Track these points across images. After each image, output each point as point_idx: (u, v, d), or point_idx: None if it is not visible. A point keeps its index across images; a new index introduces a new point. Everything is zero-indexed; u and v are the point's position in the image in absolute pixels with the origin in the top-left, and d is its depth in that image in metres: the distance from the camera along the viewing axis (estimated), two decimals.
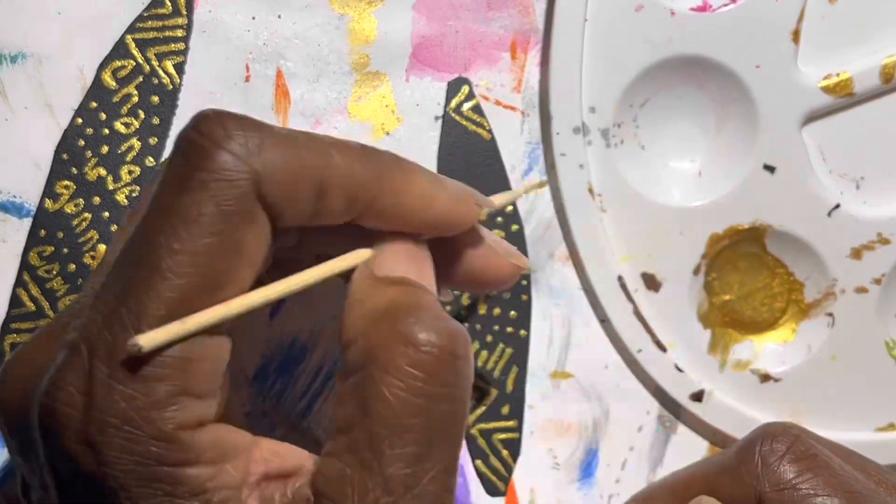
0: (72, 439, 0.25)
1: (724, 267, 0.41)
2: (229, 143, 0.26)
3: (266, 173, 0.26)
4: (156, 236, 0.25)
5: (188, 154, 0.26)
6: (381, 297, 0.27)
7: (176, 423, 0.25)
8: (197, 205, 0.25)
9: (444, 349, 0.26)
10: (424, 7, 0.39)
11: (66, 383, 0.25)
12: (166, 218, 0.26)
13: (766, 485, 0.31)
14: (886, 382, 0.41)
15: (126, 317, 0.25)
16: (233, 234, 0.26)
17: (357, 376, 0.26)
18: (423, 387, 0.26)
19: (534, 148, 0.40)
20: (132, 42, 0.38)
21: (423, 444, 0.26)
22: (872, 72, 0.39)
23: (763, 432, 0.32)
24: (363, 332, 0.26)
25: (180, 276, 0.25)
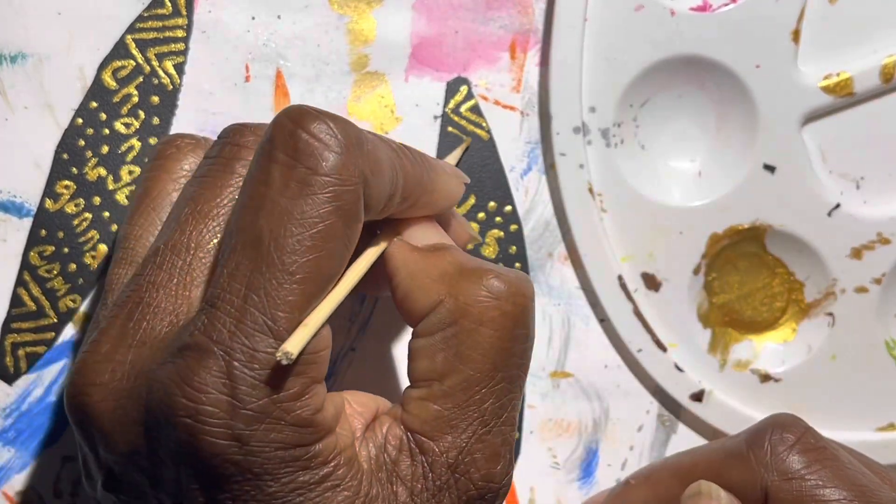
0: (217, 436, 0.26)
1: (724, 267, 0.41)
2: (340, 145, 0.27)
3: (368, 175, 0.28)
4: (282, 240, 0.27)
5: (300, 154, 0.27)
6: (442, 262, 0.30)
7: (311, 409, 0.27)
8: (319, 209, 0.27)
9: (524, 296, 0.30)
10: (424, 7, 0.39)
11: (205, 385, 0.26)
12: (289, 221, 0.27)
13: (775, 473, 0.31)
14: (886, 382, 0.41)
15: (261, 320, 0.26)
16: (347, 233, 0.28)
17: (447, 331, 0.29)
18: (511, 332, 0.29)
19: (533, 148, 0.40)
20: (132, 42, 0.38)
21: (509, 379, 0.29)
22: (872, 72, 0.39)
23: (773, 422, 0.32)
24: (449, 293, 0.29)
25: (306, 279, 0.27)
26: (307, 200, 0.27)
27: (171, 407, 0.27)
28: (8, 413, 0.38)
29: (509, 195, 0.40)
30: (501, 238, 0.40)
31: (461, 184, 0.33)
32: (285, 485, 0.27)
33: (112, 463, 0.29)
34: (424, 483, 0.28)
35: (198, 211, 0.29)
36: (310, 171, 0.27)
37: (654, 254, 0.40)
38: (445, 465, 0.28)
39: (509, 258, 0.40)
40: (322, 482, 0.27)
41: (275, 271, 0.27)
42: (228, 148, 0.30)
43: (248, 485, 0.27)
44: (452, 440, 0.29)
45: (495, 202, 0.40)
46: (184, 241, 0.29)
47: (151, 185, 0.32)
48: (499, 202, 0.40)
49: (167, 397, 0.27)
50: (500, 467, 0.29)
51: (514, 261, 0.40)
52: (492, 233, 0.40)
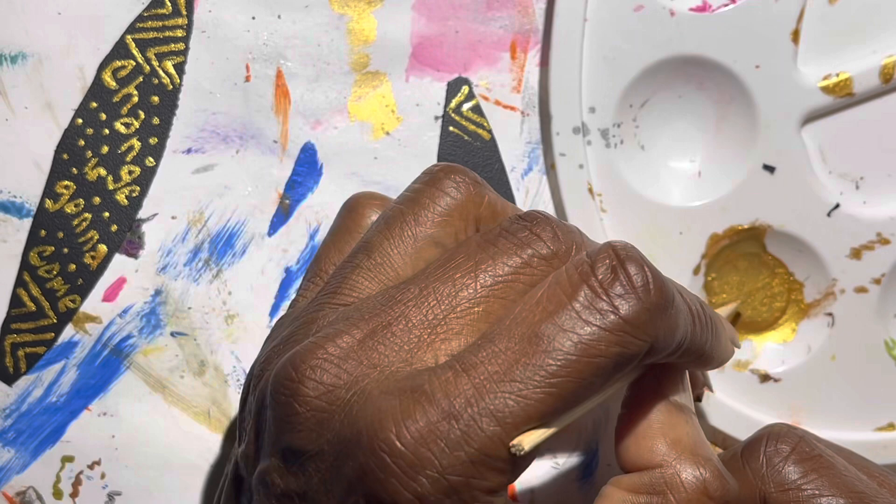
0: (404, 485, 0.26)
1: (723, 267, 0.41)
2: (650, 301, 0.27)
3: (660, 340, 0.28)
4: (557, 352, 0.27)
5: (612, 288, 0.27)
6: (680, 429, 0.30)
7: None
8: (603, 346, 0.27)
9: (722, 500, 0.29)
10: (424, 7, 0.39)
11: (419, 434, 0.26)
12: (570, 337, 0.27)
13: (771, 485, 0.31)
14: (886, 382, 0.41)
15: (501, 406, 0.26)
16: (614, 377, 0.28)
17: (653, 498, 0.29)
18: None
19: (533, 148, 0.40)
20: (132, 42, 0.38)
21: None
22: (872, 72, 0.39)
23: (767, 433, 0.32)
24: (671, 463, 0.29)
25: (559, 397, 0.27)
26: (596, 333, 0.27)
27: (376, 438, 0.26)
28: (8, 413, 0.38)
29: (510, 195, 0.40)
30: None
31: (734, 350, 0.34)
32: None
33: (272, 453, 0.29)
34: None
35: (473, 274, 0.29)
36: (613, 309, 0.27)
37: (654, 254, 0.40)
38: None
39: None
40: None
41: (537, 374, 0.27)
42: (526, 234, 0.30)
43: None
44: None
45: None
46: (449, 294, 0.29)
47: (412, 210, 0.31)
48: None
49: (378, 427, 0.26)
50: None
51: None
52: None
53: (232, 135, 0.39)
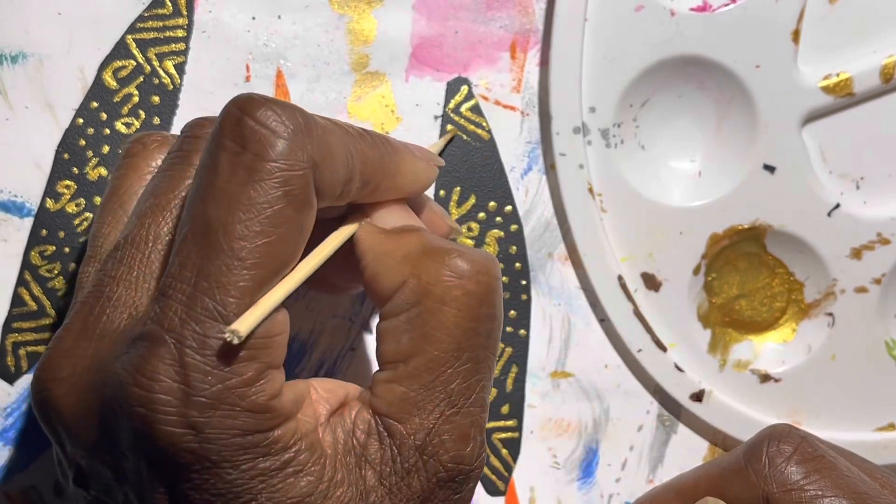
0: (171, 424, 0.26)
1: (723, 267, 0.41)
2: (287, 131, 0.27)
3: (318, 160, 0.28)
4: (230, 226, 0.26)
5: (247, 142, 0.27)
6: (407, 243, 0.30)
7: (267, 394, 0.27)
8: (268, 195, 0.27)
9: (489, 274, 0.29)
10: (424, 7, 0.39)
11: (157, 373, 0.26)
12: (237, 208, 0.27)
13: (774, 486, 0.31)
14: (886, 382, 0.41)
15: (211, 306, 0.26)
16: (298, 219, 0.27)
17: (411, 312, 0.29)
18: (476, 311, 0.29)
19: (533, 148, 0.40)
20: (133, 42, 0.38)
21: (475, 359, 0.29)
22: (872, 72, 0.39)
23: (769, 433, 0.32)
24: (412, 274, 0.29)
25: (257, 265, 0.27)
26: (255, 186, 0.27)
27: (125, 397, 0.26)
28: (9, 413, 0.38)
29: (510, 195, 0.40)
30: (502, 238, 0.40)
31: (432, 167, 0.33)
32: (245, 472, 0.27)
33: (79, 458, 0.29)
34: (393, 466, 0.28)
35: (156, 204, 0.29)
36: (257, 157, 0.27)
37: (654, 254, 0.40)
38: (413, 448, 0.28)
39: (509, 258, 0.40)
40: (283, 468, 0.27)
41: (224, 257, 0.26)
42: (188, 141, 0.30)
43: (208, 473, 0.27)
44: (420, 422, 0.28)
45: (496, 202, 0.40)
46: (143, 235, 0.29)
47: (119, 182, 0.32)
48: (499, 202, 0.40)
49: (121, 388, 0.27)
50: (469, 448, 0.29)
51: (514, 261, 0.40)
52: (492, 233, 0.40)
53: None
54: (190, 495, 0.27)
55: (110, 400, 0.27)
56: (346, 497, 0.28)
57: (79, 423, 0.28)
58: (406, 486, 0.28)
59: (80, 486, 0.29)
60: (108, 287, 0.29)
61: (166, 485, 0.27)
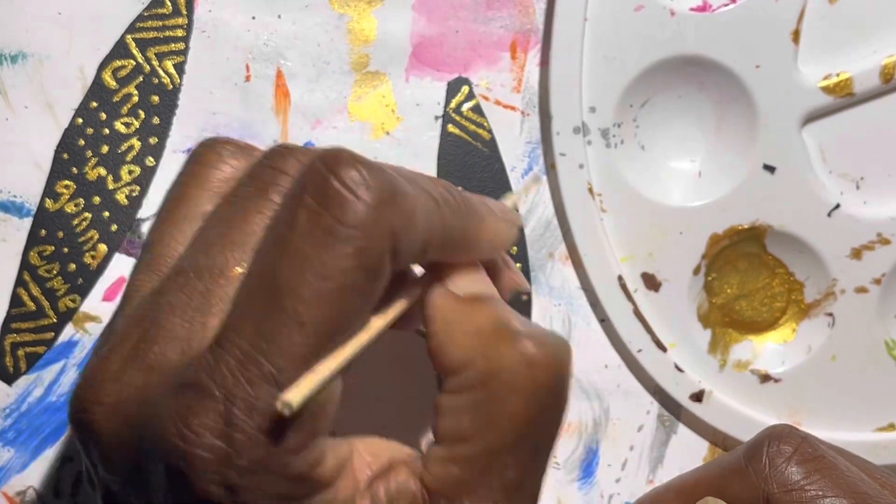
0: (209, 481, 0.25)
1: (724, 267, 0.40)
2: (371, 197, 0.25)
3: (399, 231, 0.26)
4: (297, 289, 0.25)
5: (328, 203, 0.25)
6: (480, 316, 0.28)
7: (309, 463, 0.26)
8: (341, 262, 0.25)
9: (559, 364, 0.28)
10: (424, 7, 0.39)
11: (202, 429, 0.25)
12: (307, 269, 0.25)
13: (774, 486, 0.30)
14: (886, 383, 0.40)
15: (266, 370, 0.25)
16: (369, 290, 0.26)
17: (476, 394, 0.27)
18: (542, 401, 0.27)
19: (534, 148, 0.40)
20: (132, 42, 0.38)
21: (535, 450, 0.28)
22: (872, 72, 0.39)
23: (770, 434, 0.32)
24: (482, 354, 0.27)
25: (318, 333, 0.25)
26: (329, 251, 0.25)
27: (165, 445, 0.25)
28: (8, 413, 0.38)
29: None
30: None
31: (513, 228, 0.31)
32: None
33: (110, 482, 0.28)
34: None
35: (227, 237, 0.27)
36: (336, 220, 0.25)
37: (654, 254, 0.40)
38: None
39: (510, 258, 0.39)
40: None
41: (286, 320, 0.25)
42: (269, 172, 0.28)
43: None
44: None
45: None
46: (207, 266, 0.27)
47: (186, 191, 0.29)
48: None
49: (163, 434, 0.25)
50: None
51: (514, 261, 0.39)
52: None
53: (232, 134, 0.38)
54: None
55: (150, 441, 0.26)
56: None
57: (115, 451, 0.27)
58: None
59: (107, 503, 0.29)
60: (164, 315, 0.27)
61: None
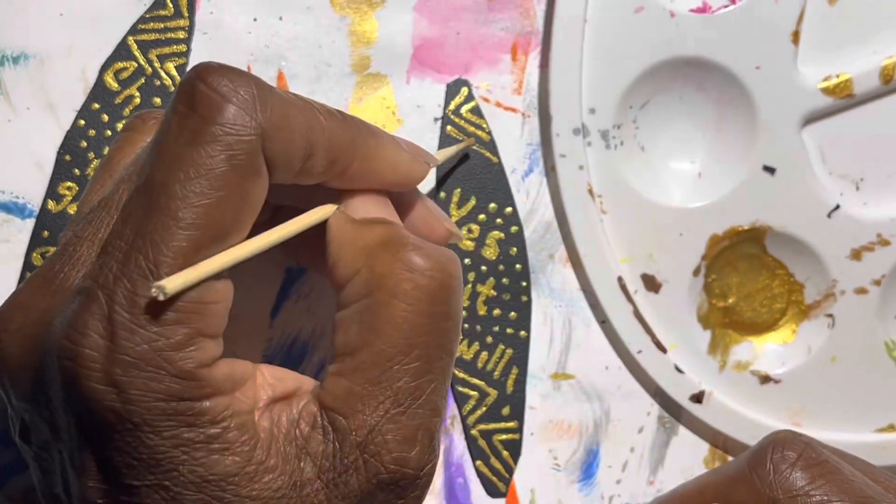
0: (95, 380, 0.25)
1: (723, 268, 0.40)
2: (237, 97, 0.26)
3: (270, 129, 0.27)
4: (170, 186, 0.26)
5: (196, 105, 0.26)
6: (369, 234, 0.29)
7: (195, 362, 0.26)
8: (210, 157, 0.26)
9: (444, 272, 0.28)
10: (425, 9, 0.38)
11: (86, 328, 0.25)
12: (179, 168, 0.26)
13: (779, 492, 0.30)
14: (886, 384, 0.40)
15: (144, 264, 0.25)
16: (242, 185, 0.26)
17: (361, 303, 0.28)
18: (427, 308, 0.28)
19: (534, 150, 0.39)
20: (134, 43, 0.37)
21: (426, 358, 0.28)
22: (872, 73, 0.38)
23: (773, 440, 0.31)
24: (366, 265, 0.28)
25: (194, 226, 0.26)
26: (198, 149, 0.26)
27: (56, 350, 0.26)
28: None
29: (510, 197, 0.39)
30: (502, 239, 0.39)
31: (419, 163, 0.32)
32: (167, 439, 0.26)
33: (22, 411, 0.28)
34: (332, 461, 0.27)
35: (132, 172, 0.28)
36: (203, 119, 0.26)
37: (654, 255, 0.39)
38: (354, 444, 0.27)
39: (510, 259, 0.39)
40: (208, 442, 0.26)
41: (161, 217, 0.26)
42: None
43: (130, 436, 0.26)
44: (363, 418, 0.27)
45: (496, 204, 0.39)
46: (114, 199, 0.28)
47: (113, 154, 0.31)
48: (500, 204, 0.39)
49: (55, 340, 0.26)
50: (414, 452, 0.27)
51: (514, 262, 0.39)
52: (493, 234, 0.39)
53: None
54: (112, 457, 0.26)
55: (47, 353, 0.27)
56: (276, 484, 0.27)
57: (21, 376, 0.28)
58: (344, 483, 0.27)
59: (23, 440, 0.29)
60: (73, 246, 0.28)
61: (92, 444, 0.26)
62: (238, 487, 0.26)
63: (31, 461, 0.29)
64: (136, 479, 0.26)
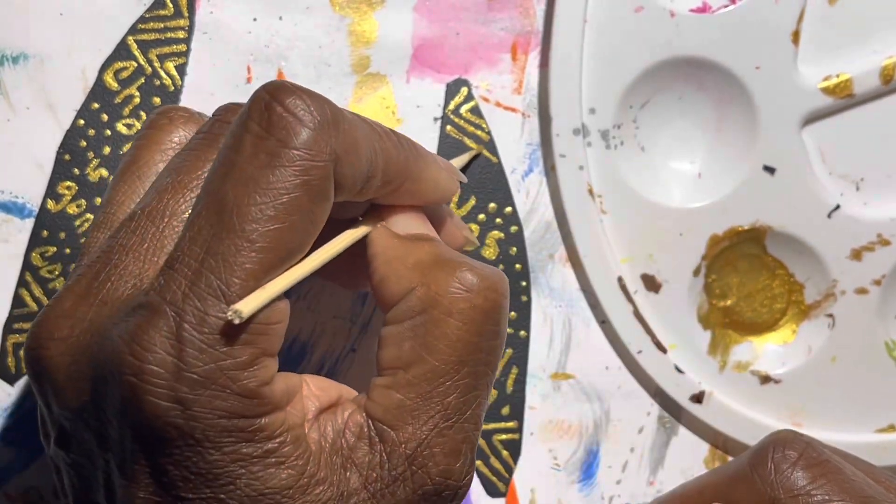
0: (159, 396, 0.26)
1: (724, 268, 0.40)
2: (313, 120, 0.27)
3: (341, 153, 0.27)
4: (244, 208, 0.26)
5: (272, 127, 0.26)
6: (419, 251, 0.29)
7: (258, 381, 0.26)
8: (286, 181, 0.26)
9: (497, 291, 0.28)
10: (425, 9, 0.38)
11: (153, 343, 0.25)
12: (254, 190, 0.26)
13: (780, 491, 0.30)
14: (886, 384, 0.40)
15: (215, 283, 0.26)
16: (312, 209, 0.27)
17: (416, 320, 0.28)
18: (480, 327, 0.28)
19: (534, 149, 0.39)
20: (134, 43, 0.37)
21: (474, 375, 0.28)
22: (872, 73, 0.38)
23: (774, 439, 0.31)
24: (421, 282, 0.28)
25: (266, 249, 0.26)
26: (274, 171, 0.26)
27: (118, 364, 0.26)
28: (10, 413, 0.37)
29: (510, 196, 0.39)
30: (502, 239, 0.39)
31: (454, 181, 0.32)
32: (226, 454, 0.26)
33: (63, 419, 0.28)
34: (380, 472, 0.27)
35: (178, 181, 0.28)
36: (280, 143, 0.26)
37: (654, 255, 0.39)
38: (403, 456, 0.27)
39: (510, 259, 0.39)
40: (265, 457, 0.26)
41: (234, 237, 0.26)
42: (217, 124, 0.29)
43: (190, 451, 0.26)
44: (413, 431, 0.27)
45: (496, 203, 0.39)
46: (160, 209, 0.28)
47: (139, 153, 0.31)
48: (499, 203, 0.39)
49: (115, 354, 0.26)
50: (459, 464, 0.28)
51: (514, 262, 0.39)
52: (492, 234, 0.39)
53: None
54: (169, 470, 0.26)
55: (103, 365, 0.26)
56: (326, 496, 0.27)
57: (69, 385, 0.28)
58: (390, 493, 0.27)
59: (61, 447, 0.29)
60: (117, 255, 0.28)
61: (148, 456, 0.26)
62: (292, 500, 0.27)
63: (65, 467, 0.29)
64: (191, 492, 0.26)
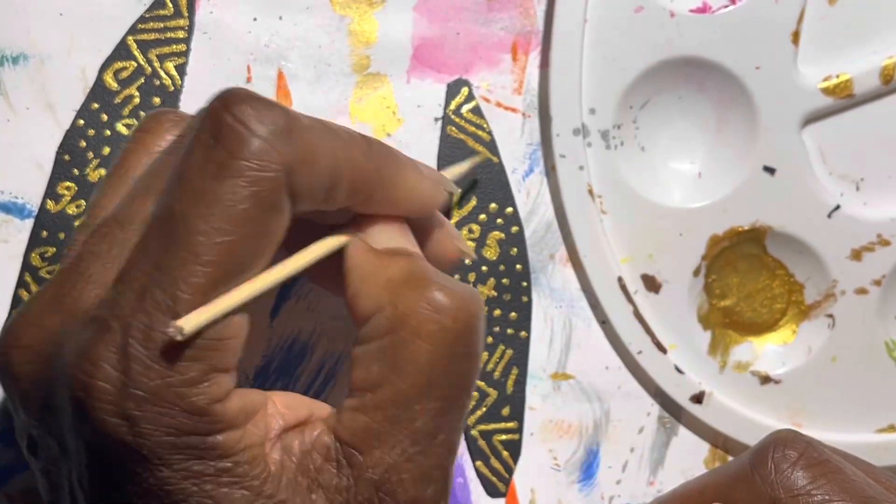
0: (106, 412, 0.25)
1: (724, 268, 0.39)
2: (264, 130, 0.26)
3: (295, 163, 0.26)
4: (191, 220, 0.25)
5: (221, 137, 0.26)
6: (392, 268, 0.28)
7: (208, 398, 0.25)
8: (233, 193, 0.25)
9: (468, 312, 0.27)
10: (425, 9, 0.38)
11: (100, 359, 0.25)
12: (202, 202, 0.25)
13: (781, 491, 0.30)
14: (886, 384, 0.39)
15: (161, 298, 0.25)
16: (263, 221, 0.26)
17: (384, 340, 0.27)
18: (450, 349, 0.27)
19: (535, 150, 0.39)
20: (134, 43, 0.37)
21: (445, 398, 0.27)
22: (872, 73, 0.38)
23: (775, 439, 0.31)
24: (390, 301, 0.27)
25: (213, 263, 0.25)
26: (222, 183, 0.25)
27: (69, 379, 0.26)
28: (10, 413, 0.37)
29: (510, 197, 0.38)
30: (503, 240, 0.39)
31: (439, 189, 0.31)
32: (177, 471, 0.25)
33: (31, 426, 0.28)
34: (346, 497, 0.26)
35: (149, 186, 0.28)
36: (228, 154, 0.25)
37: (654, 255, 0.39)
38: (370, 482, 0.26)
39: (510, 260, 0.39)
40: (218, 476, 0.26)
41: (180, 251, 0.25)
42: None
43: (139, 467, 0.25)
44: (380, 455, 0.26)
45: (497, 204, 0.38)
46: (128, 214, 0.27)
47: (126, 156, 0.30)
48: (500, 204, 0.38)
49: (67, 369, 0.26)
50: (430, 491, 0.27)
51: (515, 262, 0.39)
52: (493, 234, 0.38)
53: None
54: (123, 485, 0.26)
55: (56, 379, 0.26)
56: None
57: (33, 394, 0.27)
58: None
59: (31, 453, 0.29)
60: (86, 262, 0.27)
61: (102, 470, 0.26)
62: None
63: (37, 472, 0.29)
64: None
